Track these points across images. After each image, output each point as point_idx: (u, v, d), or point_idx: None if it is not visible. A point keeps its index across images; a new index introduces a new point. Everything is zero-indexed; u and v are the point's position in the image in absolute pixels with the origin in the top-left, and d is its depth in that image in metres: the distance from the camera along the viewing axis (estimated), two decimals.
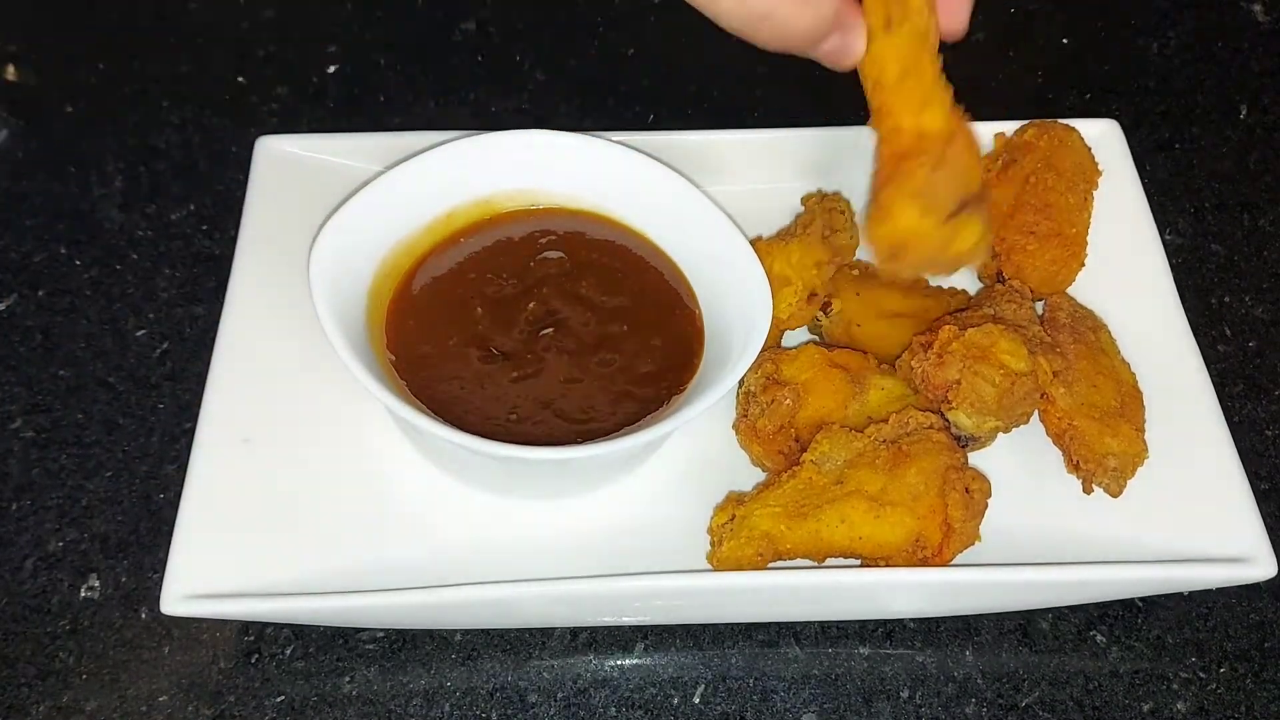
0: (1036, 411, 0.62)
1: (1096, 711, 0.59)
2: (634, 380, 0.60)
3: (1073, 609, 0.62)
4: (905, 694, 0.59)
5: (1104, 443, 0.60)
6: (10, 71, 0.89)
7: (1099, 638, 0.61)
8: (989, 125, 0.74)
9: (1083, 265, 0.69)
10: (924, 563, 0.56)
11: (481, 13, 0.94)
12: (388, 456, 0.62)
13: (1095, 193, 0.71)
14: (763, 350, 0.58)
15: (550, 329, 0.61)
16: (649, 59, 0.92)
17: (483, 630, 0.60)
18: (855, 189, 0.73)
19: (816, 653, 0.60)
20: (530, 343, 0.61)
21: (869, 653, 0.60)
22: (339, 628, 0.60)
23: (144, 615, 0.61)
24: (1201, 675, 0.60)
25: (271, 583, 0.56)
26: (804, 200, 0.71)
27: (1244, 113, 0.88)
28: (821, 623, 0.61)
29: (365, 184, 0.62)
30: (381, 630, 0.60)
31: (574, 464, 0.57)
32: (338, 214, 0.60)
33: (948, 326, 0.61)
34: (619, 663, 0.60)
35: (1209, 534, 0.58)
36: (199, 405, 0.62)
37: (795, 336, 0.68)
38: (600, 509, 0.61)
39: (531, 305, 0.62)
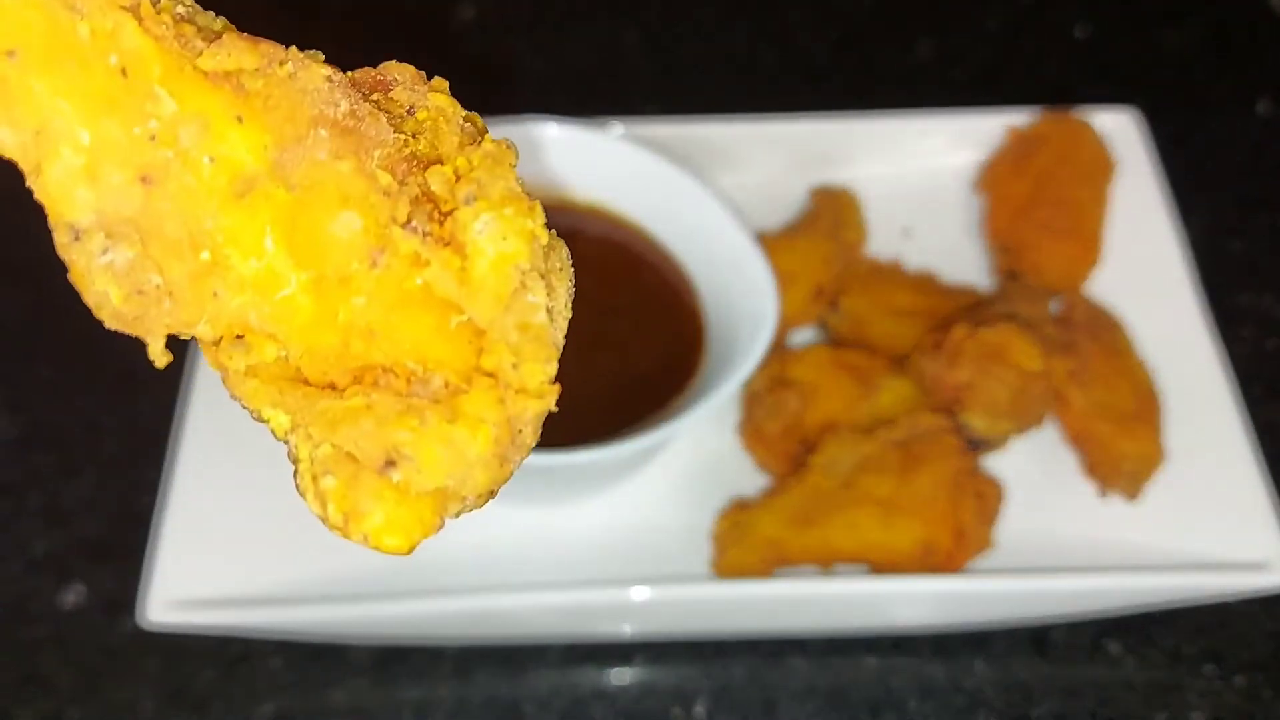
0: (1054, 413, 0.61)
1: None
2: (634, 381, 0.59)
3: None
4: (914, 705, 0.57)
5: (1120, 446, 0.59)
6: None
7: (1113, 648, 0.60)
8: (1000, 115, 0.72)
9: (1096, 262, 0.67)
10: (935, 569, 0.55)
11: (480, 0, 0.92)
12: None
13: (1113, 186, 0.69)
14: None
15: None
16: (650, 47, 0.90)
17: (476, 639, 0.59)
18: (862, 182, 0.71)
19: (822, 663, 0.59)
20: None
21: (877, 663, 0.59)
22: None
23: (128, 622, 0.59)
24: (1218, 685, 0.59)
25: (256, 592, 0.55)
26: (811, 195, 0.69)
27: (1262, 106, 0.86)
28: (828, 633, 0.60)
29: None
30: None
31: (572, 469, 0.55)
32: None
33: (959, 325, 0.59)
34: (618, 674, 0.58)
35: (1228, 539, 0.57)
36: (184, 405, 0.60)
37: (803, 334, 0.66)
38: (600, 515, 0.59)
39: None
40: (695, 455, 0.61)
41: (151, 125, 0.21)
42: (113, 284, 0.23)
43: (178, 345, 0.74)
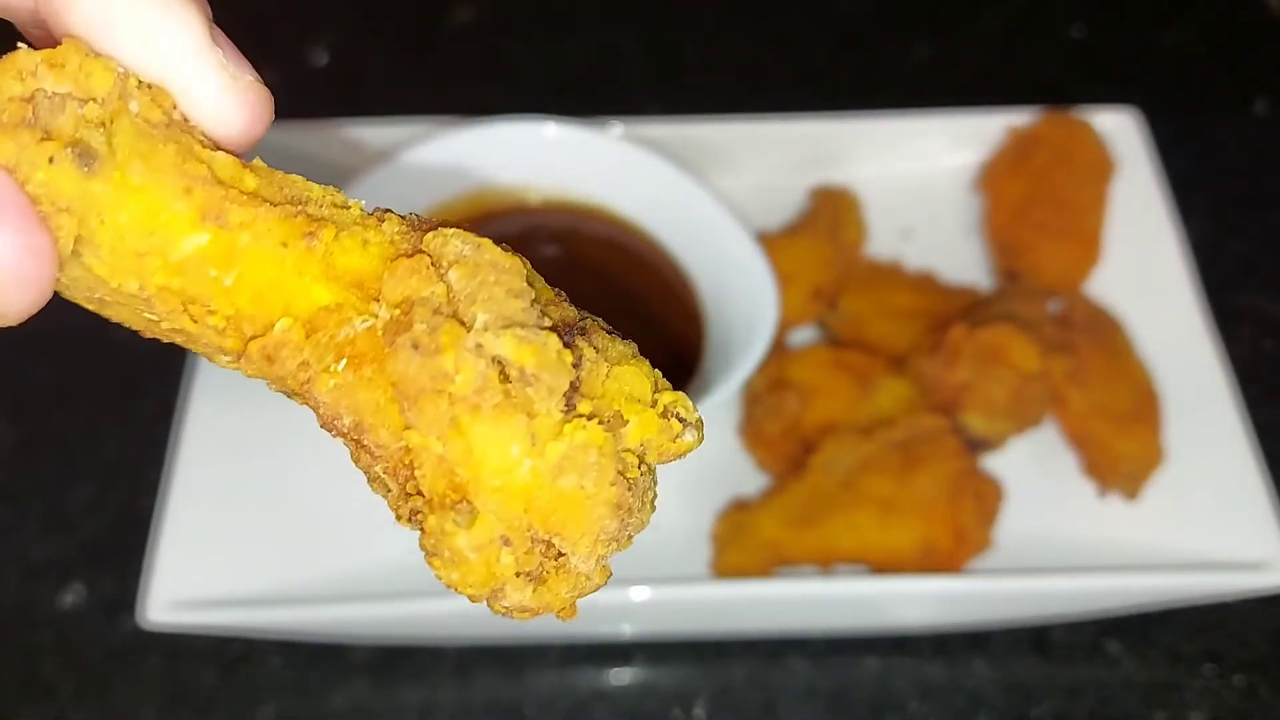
0: (1053, 414, 0.61)
1: None
2: None
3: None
4: (914, 705, 0.57)
5: (1119, 446, 0.59)
6: None
7: (1112, 648, 0.60)
8: (999, 115, 0.72)
9: (1096, 262, 0.67)
10: (935, 569, 0.55)
11: (479, 1, 0.92)
12: None
13: (1113, 186, 0.69)
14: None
15: None
16: (648, 47, 0.90)
17: (476, 640, 0.59)
18: (862, 182, 0.71)
19: (823, 664, 0.59)
20: None
21: (877, 663, 0.59)
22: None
23: (130, 625, 0.59)
24: (1217, 685, 0.59)
25: (256, 592, 0.55)
26: (811, 195, 0.69)
27: (1260, 106, 0.86)
28: (828, 633, 0.60)
29: (355, 179, 0.60)
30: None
31: None
32: None
33: (958, 326, 0.59)
34: (618, 675, 0.58)
35: (1228, 539, 0.57)
36: (184, 406, 0.60)
37: (802, 335, 0.66)
38: None
39: None
40: (695, 455, 0.60)
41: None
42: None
43: (178, 350, 0.74)
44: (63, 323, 0.76)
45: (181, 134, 0.23)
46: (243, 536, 0.57)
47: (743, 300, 0.59)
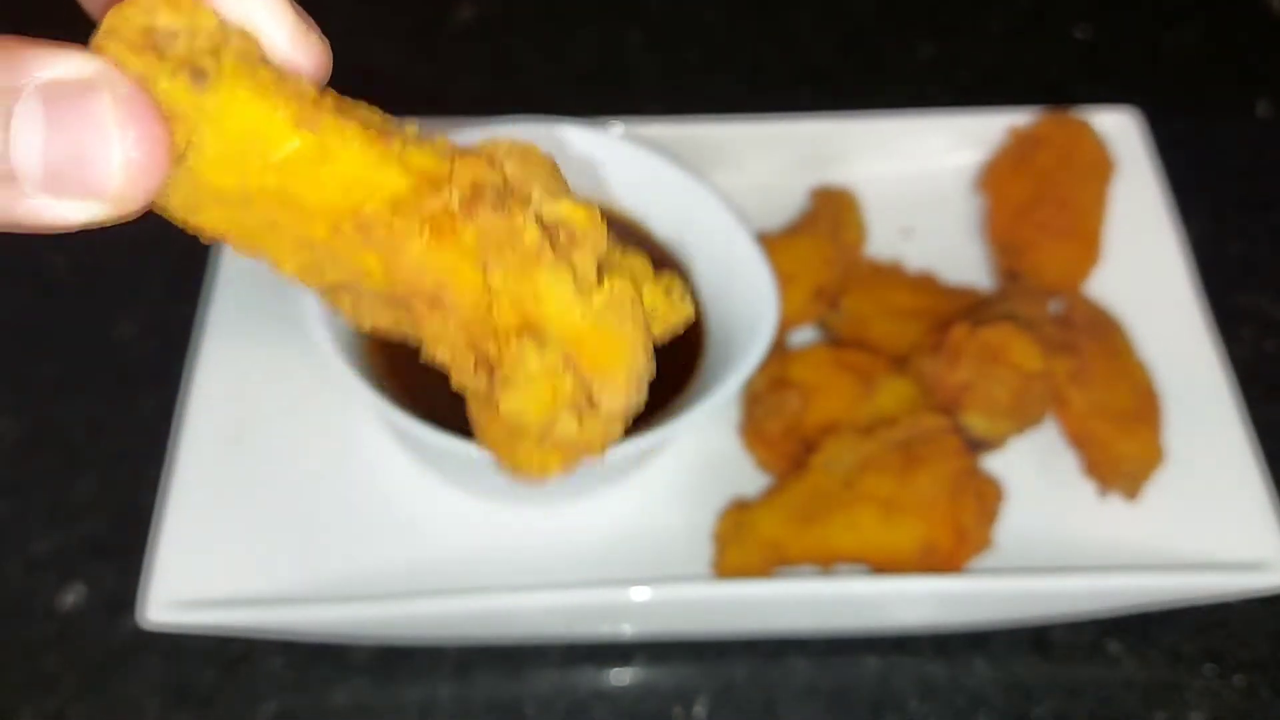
0: (1054, 414, 0.61)
1: None
2: None
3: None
4: (915, 705, 0.57)
5: (1120, 446, 0.59)
6: None
7: (1113, 647, 0.60)
8: (1000, 115, 0.72)
9: (1096, 262, 0.67)
10: (935, 569, 0.55)
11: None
12: (379, 460, 0.60)
13: (1114, 187, 0.69)
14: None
15: None
16: (650, 46, 0.90)
17: (477, 640, 0.59)
18: (862, 182, 0.71)
19: (823, 663, 0.59)
20: None
21: (877, 663, 0.59)
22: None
23: (131, 621, 0.59)
24: (1218, 685, 0.59)
25: (256, 592, 0.55)
26: (811, 195, 0.69)
27: (1262, 107, 0.86)
28: (828, 633, 0.60)
29: None
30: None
31: None
32: None
33: (959, 325, 0.59)
34: (618, 675, 0.58)
35: (1228, 539, 0.57)
36: (184, 405, 0.60)
37: (803, 335, 0.66)
38: (599, 515, 0.59)
39: None
40: (695, 455, 0.61)
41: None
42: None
43: (183, 341, 0.74)
44: (65, 318, 0.76)
45: (272, 66, 0.28)
46: (243, 536, 0.57)
47: (743, 299, 0.59)
